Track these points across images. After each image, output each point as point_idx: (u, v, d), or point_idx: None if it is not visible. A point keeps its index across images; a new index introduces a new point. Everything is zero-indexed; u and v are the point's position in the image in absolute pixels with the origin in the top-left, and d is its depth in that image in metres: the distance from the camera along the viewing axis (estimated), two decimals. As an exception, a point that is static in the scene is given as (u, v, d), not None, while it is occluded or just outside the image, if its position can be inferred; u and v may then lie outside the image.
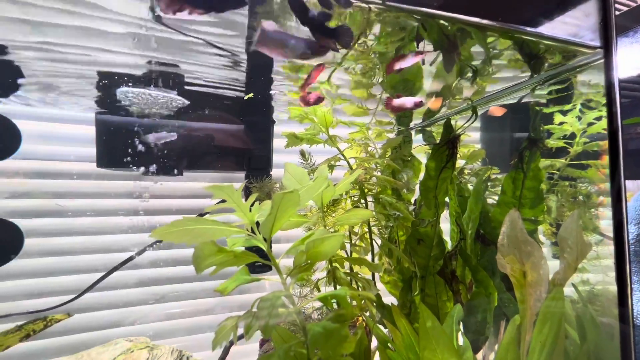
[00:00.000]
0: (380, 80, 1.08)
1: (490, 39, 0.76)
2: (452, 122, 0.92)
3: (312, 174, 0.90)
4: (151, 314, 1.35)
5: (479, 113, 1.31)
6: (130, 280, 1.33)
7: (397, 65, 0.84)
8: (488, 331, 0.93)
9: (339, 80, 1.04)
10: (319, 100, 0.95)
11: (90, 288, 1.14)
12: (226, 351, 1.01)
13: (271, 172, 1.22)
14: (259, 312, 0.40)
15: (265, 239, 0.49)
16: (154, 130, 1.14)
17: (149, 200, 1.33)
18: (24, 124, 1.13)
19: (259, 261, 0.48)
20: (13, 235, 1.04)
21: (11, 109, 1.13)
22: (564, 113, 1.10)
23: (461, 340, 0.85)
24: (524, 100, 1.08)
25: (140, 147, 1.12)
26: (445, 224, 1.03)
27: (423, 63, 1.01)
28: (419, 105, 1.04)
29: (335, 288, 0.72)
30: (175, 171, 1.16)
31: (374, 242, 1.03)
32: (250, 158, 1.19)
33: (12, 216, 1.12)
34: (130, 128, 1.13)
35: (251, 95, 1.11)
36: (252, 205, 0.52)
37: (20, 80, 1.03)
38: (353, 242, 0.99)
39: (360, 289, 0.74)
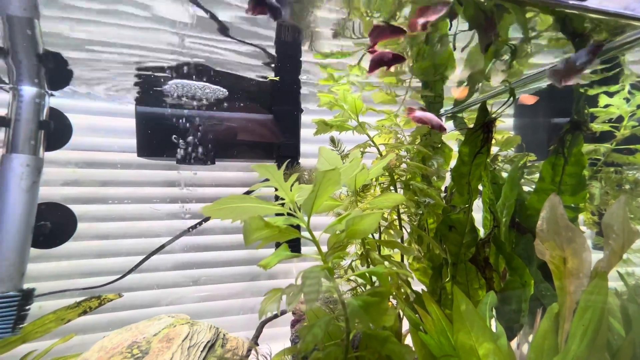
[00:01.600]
0: (410, 65, 1.06)
1: (529, 14, 0.73)
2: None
3: (342, 161, 0.91)
4: (186, 295, 1.44)
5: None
6: (167, 264, 1.42)
7: (422, 20, 0.71)
8: (523, 319, 0.91)
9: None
10: (397, 59, 0.74)
11: (135, 268, 1.24)
12: (259, 330, 1.06)
13: (299, 160, 1.25)
14: (303, 283, 0.43)
15: (306, 217, 0.51)
16: (191, 123, 1.19)
17: (184, 188, 1.40)
18: (74, 117, 1.23)
19: (300, 237, 0.50)
20: (69, 219, 1.14)
21: (63, 103, 1.22)
22: (609, 95, 1.03)
23: (494, 327, 0.84)
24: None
25: (175, 138, 1.18)
26: (477, 214, 1.00)
27: (454, 48, 0.97)
28: (440, 129, 0.93)
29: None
30: (208, 160, 1.22)
31: (403, 229, 1.03)
32: (280, 146, 1.22)
33: (65, 202, 1.23)
34: (167, 119, 1.20)
35: (277, 78, 1.11)
36: (292, 185, 0.54)
37: (70, 76, 1.12)
38: (382, 229, 0.99)
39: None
